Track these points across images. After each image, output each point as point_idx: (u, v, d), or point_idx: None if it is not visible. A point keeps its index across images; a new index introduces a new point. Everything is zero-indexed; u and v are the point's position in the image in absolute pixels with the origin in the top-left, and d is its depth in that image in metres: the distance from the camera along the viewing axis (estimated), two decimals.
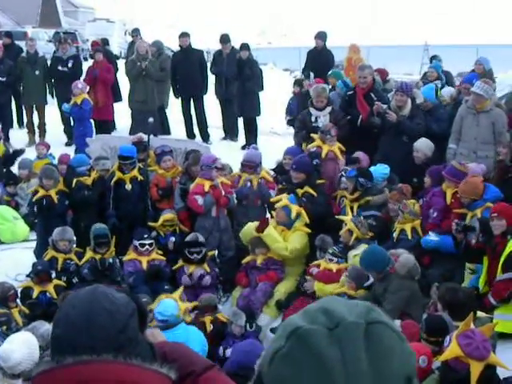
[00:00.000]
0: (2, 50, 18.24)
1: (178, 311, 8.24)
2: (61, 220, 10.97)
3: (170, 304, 8.26)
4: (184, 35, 17.79)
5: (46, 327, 7.55)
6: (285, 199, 10.15)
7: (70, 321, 2.33)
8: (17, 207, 13.06)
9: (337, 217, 9.92)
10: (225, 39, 17.76)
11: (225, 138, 18.15)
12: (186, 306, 9.08)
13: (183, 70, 17.46)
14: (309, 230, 10.11)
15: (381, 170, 10.53)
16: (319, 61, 17.02)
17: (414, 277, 8.52)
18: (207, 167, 10.50)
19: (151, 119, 12.43)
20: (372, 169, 10.59)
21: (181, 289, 9.42)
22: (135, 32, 20.36)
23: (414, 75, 45.33)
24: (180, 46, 17.93)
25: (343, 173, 10.45)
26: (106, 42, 21.10)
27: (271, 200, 10.45)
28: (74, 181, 11.12)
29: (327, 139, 11.13)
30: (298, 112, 13.65)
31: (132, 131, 16.44)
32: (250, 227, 10.09)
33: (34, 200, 11.00)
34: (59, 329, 2.35)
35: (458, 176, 9.52)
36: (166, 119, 18.58)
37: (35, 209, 11.05)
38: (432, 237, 9.19)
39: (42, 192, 10.98)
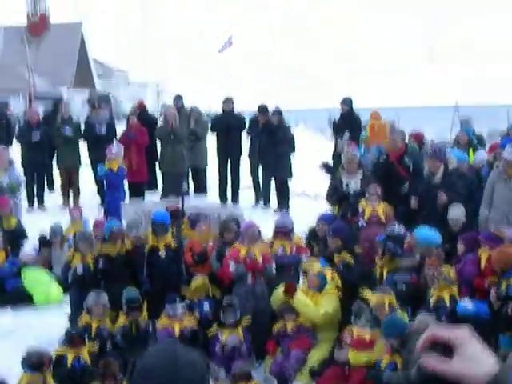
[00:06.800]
0: (38, 115, 18.67)
1: None
2: (96, 284, 11.04)
3: None
4: (228, 100, 18.31)
5: None
6: (317, 264, 10.15)
7: (161, 372, 2.62)
8: (50, 269, 13.15)
9: (363, 295, 9.67)
10: (263, 110, 18.06)
11: (257, 203, 18.29)
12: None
13: (224, 133, 17.85)
14: (339, 294, 10.05)
15: (434, 237, 10.37)
16: (346, 126, 17.25)
17: None
18: (248, 235, 10.59)
19: (185, 185, 12.61)
20: (424, 232, 10.45)
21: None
22: (178, 100, 19.91)
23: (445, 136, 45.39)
24: (223, 109, 18.35)
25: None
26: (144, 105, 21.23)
27: (303, 266, 10.43)
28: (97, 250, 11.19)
29: (371, 199, 11.17)
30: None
31: (163, 194, 16.66)
32: (278, 293, 10.09)
33: (71, 267, 11.05)
34: (149, 380, 2.64)
35: (494, 240, 9.50)
36: (204, 179, 18.83)
37: (70, 276, 11.11)
38: (468, 305, 9.09)
39: (77, 258, 11.09)
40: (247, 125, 18.59)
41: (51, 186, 19.76)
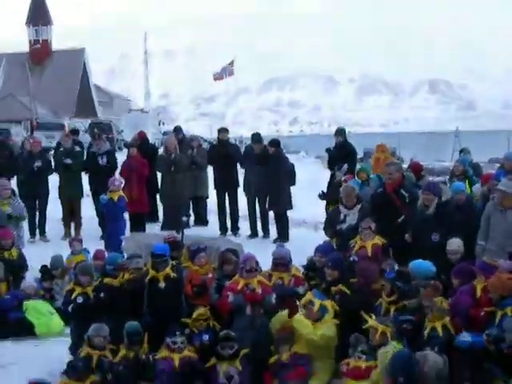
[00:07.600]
0: (40, 144, 18.90)
1: None
2: (97, 316, 11.12)
3: None
4: (223, 130, 18.40)
5: None
6: (317, 301, 10.18)
7: None
8: (52, 300, 13.27)
9: (364, 326, 9.69)
10: (256, 139, 18.14)
11: (254, 236, 18.33)
12: None
13: (220, 164, 17.92)
14: (337, 321, 10.10)
15: (428, 267, 10.46)
16: (342, 157, 17.34)
17: (445, 379, 8.53)
18: (247, 268, 10.72)
19: (185, 218, 12.76)
20: (418, 264, 10.55)
21: None
22: (179, 131, 20.30)
23: (446, 162, 45.46)
24: (218, 139, 18.48)
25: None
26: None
27: (302, 302, 10.41)
28: (98, 282, 11.37)
29: (364, 234, 11.30)
30: None
31: (164, 226, 16.80)
32: (279, 316, 10.21)
33: (71, 298, 11.18)
34: None
35: (489, 270, 9.60)
36: (205, 209, 18.91)
37: (69, 309, 11.22)
38: (465, 337, 9.15)
39: (78, 290, 11.21)
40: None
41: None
